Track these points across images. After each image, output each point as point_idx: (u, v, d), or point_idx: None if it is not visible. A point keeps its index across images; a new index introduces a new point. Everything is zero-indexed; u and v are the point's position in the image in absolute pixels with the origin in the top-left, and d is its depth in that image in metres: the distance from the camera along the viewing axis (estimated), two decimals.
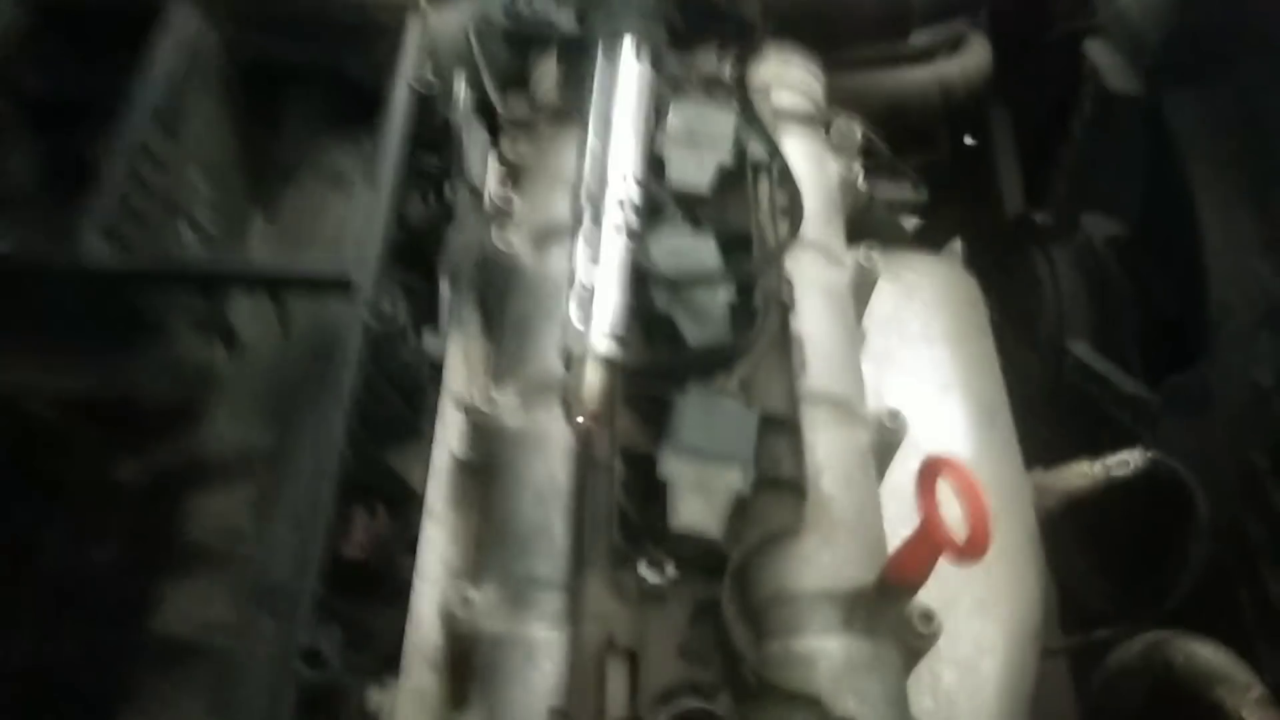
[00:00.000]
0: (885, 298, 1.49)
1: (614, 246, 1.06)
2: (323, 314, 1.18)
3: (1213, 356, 1.47)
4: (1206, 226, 1.47)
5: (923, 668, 1.16)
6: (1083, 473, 1.46)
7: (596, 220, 1.07)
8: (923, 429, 1.24)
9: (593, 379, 0.96)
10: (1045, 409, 1.83)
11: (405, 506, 1.19)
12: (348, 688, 0.94)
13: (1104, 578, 1.75)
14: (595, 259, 1.04)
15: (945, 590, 1.23)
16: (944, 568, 1.26)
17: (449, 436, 1.19)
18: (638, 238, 1.09)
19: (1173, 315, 1.65)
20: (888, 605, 0.99)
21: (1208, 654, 1.39)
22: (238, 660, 0.96)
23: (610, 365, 0.97)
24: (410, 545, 1.16)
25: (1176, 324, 1.65)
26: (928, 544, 0.88)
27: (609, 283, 1.04)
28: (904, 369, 1.45)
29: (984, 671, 1.21)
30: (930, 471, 0.86)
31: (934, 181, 1.99)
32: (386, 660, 1.10)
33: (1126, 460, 1.44)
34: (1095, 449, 1.51)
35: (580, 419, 0.95)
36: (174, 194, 1.24)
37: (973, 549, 0.81)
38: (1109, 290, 1.77)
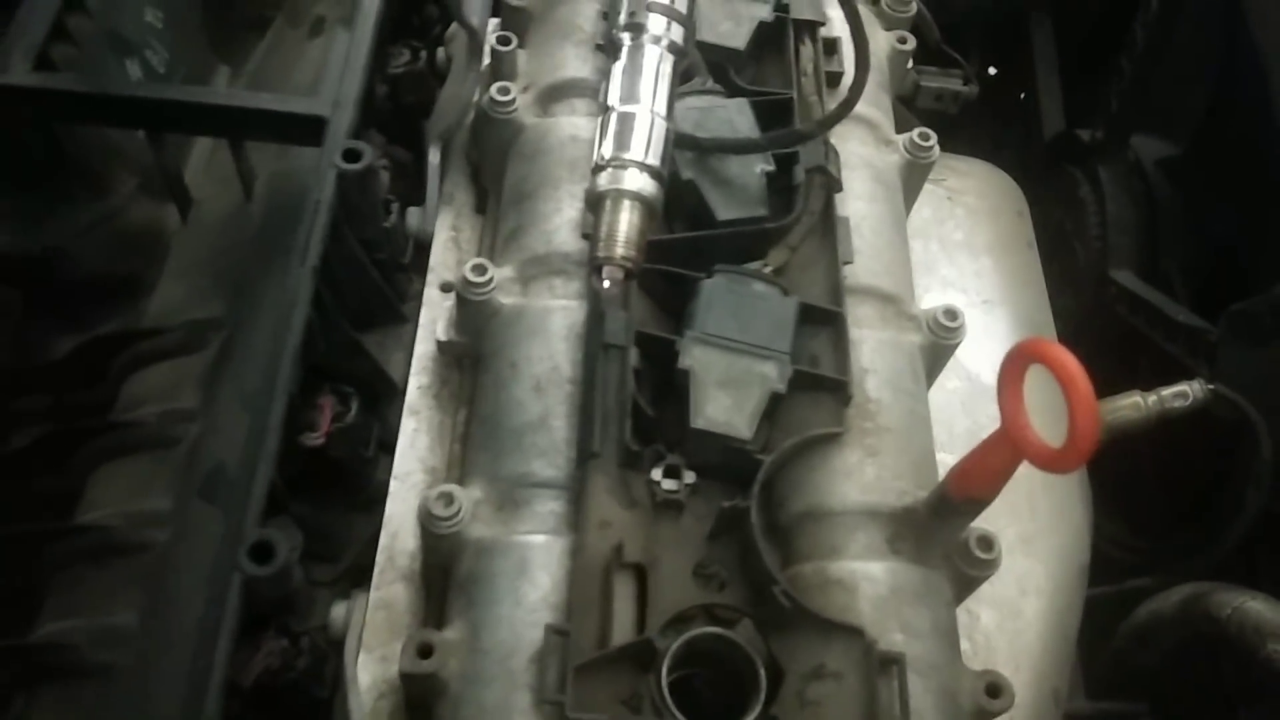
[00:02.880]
0: (927, 201, 1.34)
1: (654, 66, 0.87)
2: (290, 170, 1.01)
3: None
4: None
5: (960, 608, 1.03)
6: (1135, 404, 1.31)
7: (636, 35, 0.88)
8: (962, 346, 1.10)
9: (626, 220, 0.79)
10: (1082, 342, 1.69)
11: (382, 398, 1.03)
12: (302, 594, 0.79)
13: (1133, 526, 1.63)
14: (631, 81, 0.86)
15: (985, 525, 1.12)
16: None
17: (436, 326, 1.03)
18: (681, 54, 0.90)
19: (1230, 241, 1.51)
20: (942, 527, 0.85)
21: (1260, 606, 1.26)
22: (177, 556, 0.81)
23: (647, 207, 0.80)
24: (386, 443, 1.01)
25: (1233, 251, 1.51)
26: (1008, 448, 0.73)
27: (648, 109, 0.85)
28: (944, 279, 1.31)
29: (1026, 614, 1.08)
30: (1019, 359, 0.71)
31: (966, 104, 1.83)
32: (354, 572, 0.96)
33: (1185, 392, 1.30)
34: (1138, 386, 1.38)
35: (605, 268, 0.78)
36: (122, 26, 1.05)
37: (1072, 453, 0.67)
38: (1159, 215, 1.63)
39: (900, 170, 1.09)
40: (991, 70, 2.10)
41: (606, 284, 0.79)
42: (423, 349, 1.03)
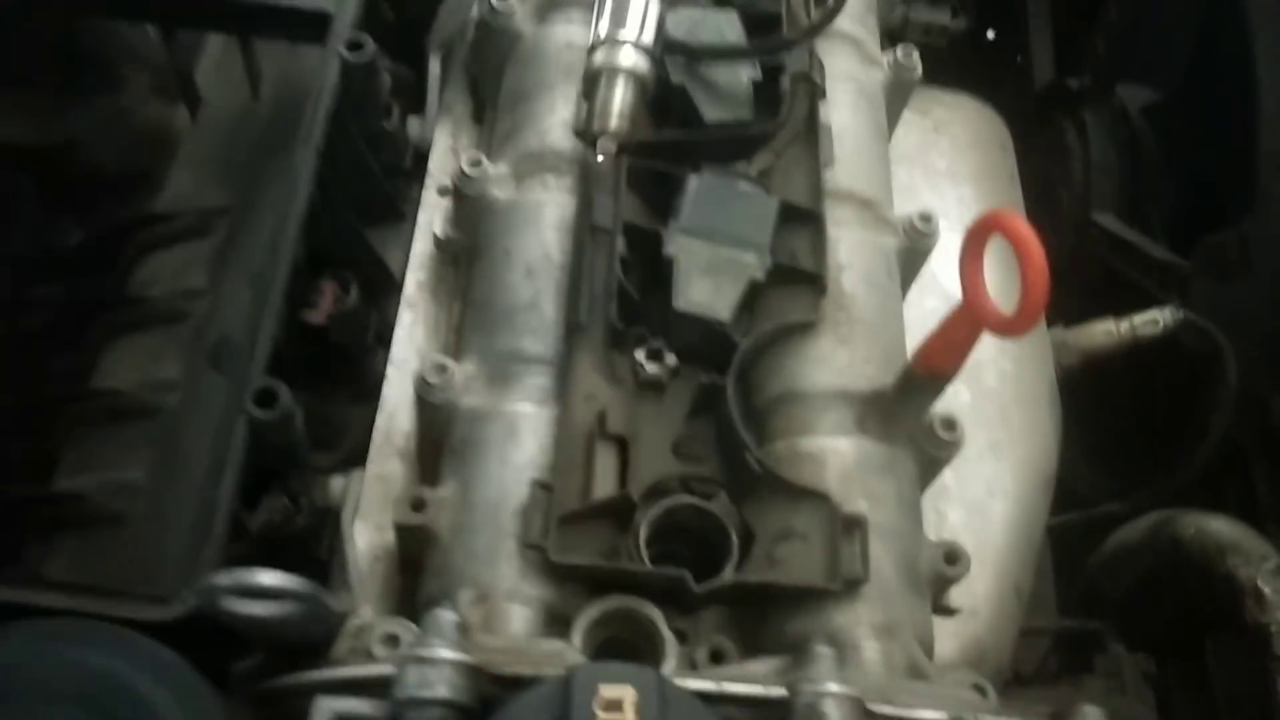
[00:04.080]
0: (912, 132, 1.38)
1: None
2: (295, 70, 1.05)
3: (1256, 216, 1.37)
4: (1262, 73, 1.36)
5: (930, 506, 1.08)
6: (1107, 331, 1.37)
7: None
8: (942, 269, 1.15)
9: (620, 94, 0.84)
10: (1067, 283, 1.73)
11: (381, 291, 1.08)
12: (303, 450, 0.84)
13: (1101, 457, 1.68)
14: None
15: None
16: (958, 408, 1.19)
17: (433, 225, 1.08)
18: None
19: (1209, 184, 1.55)
20: (907, 407, 0.89)
21: (1220, 526, 1.31)
22: (185, 416, 0.86)
23: (640, 83, 0.84)
24: (384, 337, 1.06)
25: (1212, 193, 1.55)
26: (969, 319, 0.78)
27: None
28: (926, 205, 1.34)
29: (993, 513, 1.13)
30: (978, 231, 0.76)
31: (956, 54, 1.87)
32: (353, 458, 1.01)
33: (1155, 319, 1.35)
34: None
35: (599, 141, 0.82)
36: None
37: (1024, 317, 0.72)
38: (1141, 159, 1.67)
39: (884, 86, 1.14)
40: (990, 34, 2.15)
41: (600, 156, 0.83)
42: (420, 247, 1.08)
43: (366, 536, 0.92)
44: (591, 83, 0.86)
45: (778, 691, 0.65)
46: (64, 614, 0.66)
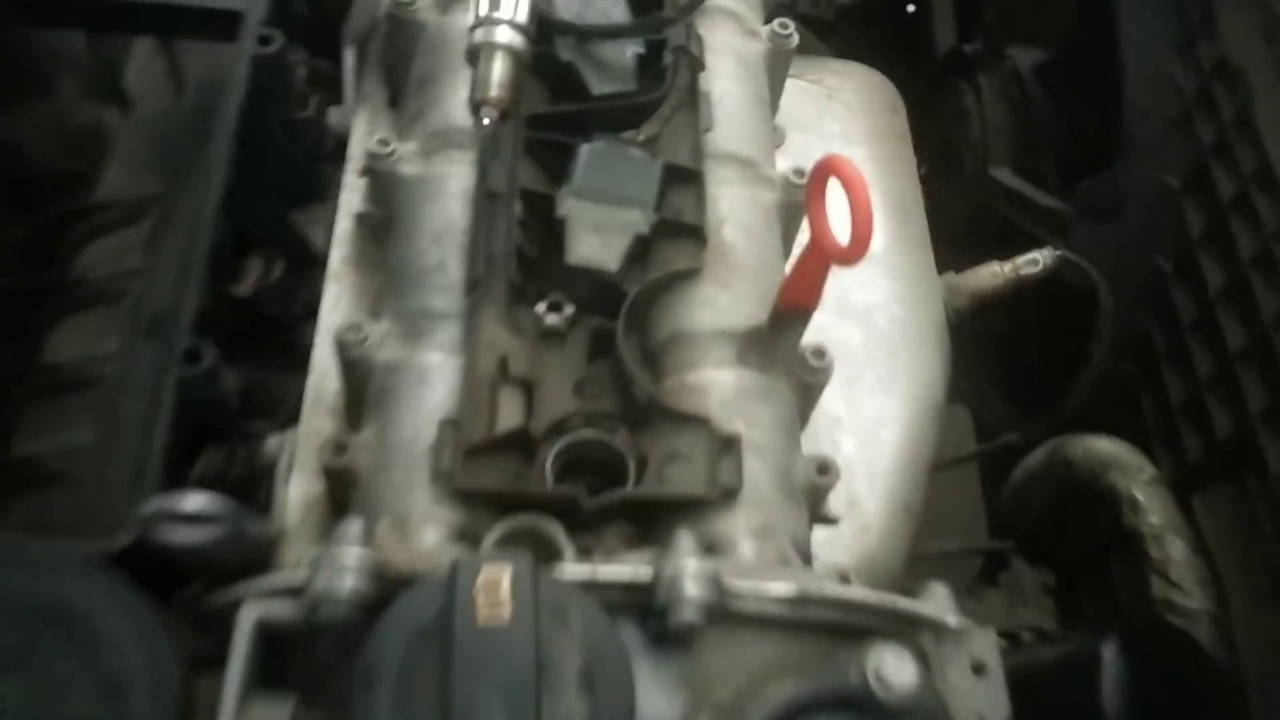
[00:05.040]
0: (807, 99, 1.49)
1: None
2: (215, 67, 1.13)
3: (1125, 161, 1.49)
4: (1125, 30, 1.48)
5: (823, 437, 1.18)
6: (993, 272, 1.48)
7: None
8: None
9: (499, 67, 0.93)
10: (970, 241, 1.85)
11: (307, 265, 1.17)
12: (230, 402, 0.92)
13: (1009, 392, 1.80)
14: None
15: (849, 369, 1.27)
16: (851, 348, 1.29)
17: (354, 205, 1.17)
18: None
19: (1094, 134, 1.66)
20: (781, 339, 0.99)
21: (1102, 444, 1.43)
22: (124, 385, 0.95)
23: (516, 56, 0.94)
24: (312, 308, 1.15)
25: (1096, 145, 1.66)
26: (817, 253, 0.88)
27: None
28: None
29: (882, 440, 1.24)
30: (818, 175, 0.85)
31: (860, 30, 1.98)
32: (288, 422, 1.09)
33: (1035, 259, 1.46)
34: None
35: (482, 108, 0.92)
36: None
37: (855, 246, 0.82)
38: (1033, 116, 1.78)
39: (764, 56, 1.23)
40: (910, 8, 2.26)
41: (485, 121, 0.92)
42: (343, 226, 1.16)
43: (301, 487, 1.00)
44: (473, 57, 0.95)
45: (644, 573, 0.74)
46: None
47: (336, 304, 1.13)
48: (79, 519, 0.89)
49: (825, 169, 0.85)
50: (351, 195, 1.17)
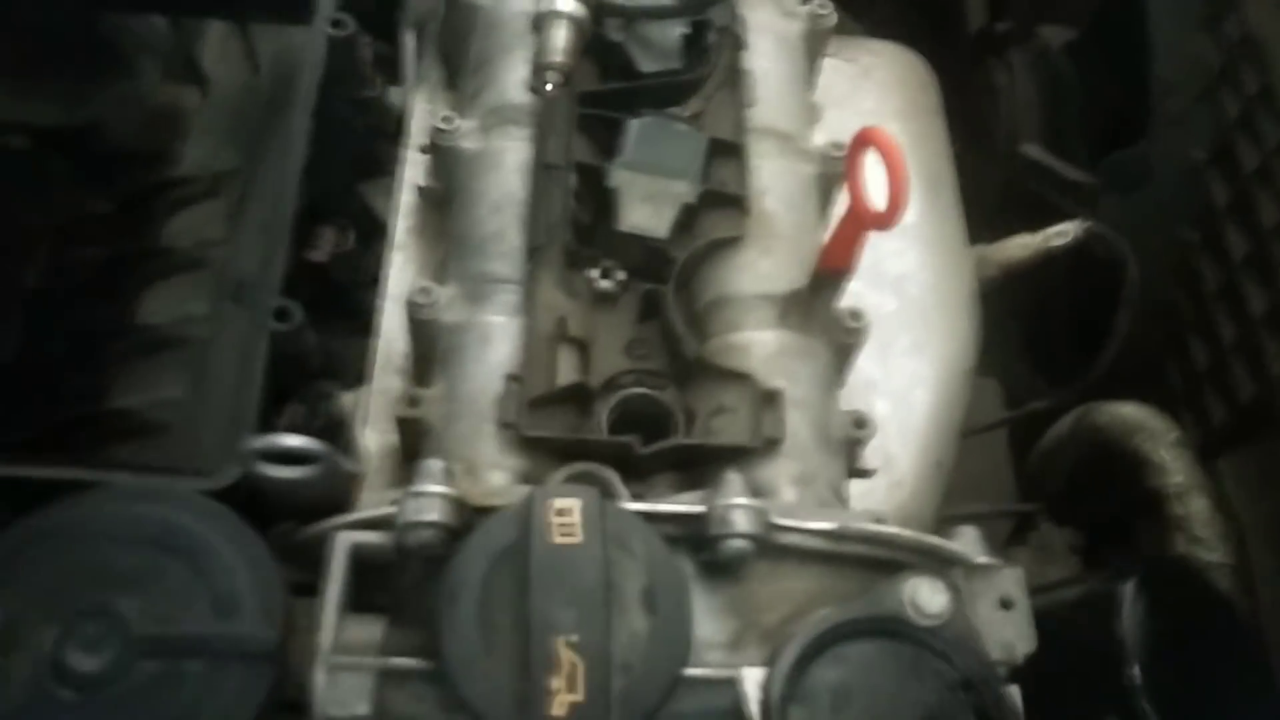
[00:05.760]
0: (841, 77, 1.54)
1: None
2: (288, 48, 1.21)
3: (1152, 135, 1.53)
4: (1151, 6, 1.52)
5: (859, 398, 1.24)
6: (1022, 243, 1.52)
7: None
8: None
9: (561, 34, 1.00)
10: (1000, 215, 1.90)
11: (373, 235, 1.24)
12: (316, 358, 1.00)
13: (1036, 361, 1.85)
14: None
15: (883, 334, 1.32)
16: (885, 315, 1.35)
17: (414, 179, 1.24)
18: None
19: (1122, 110, 1.71)
20: (819, 301, 1.06)
21: (1128, 409, 1.48)
22: (213, 343, 1.03)
23: (577, 24, 1.01)
24: (378, 274, 1.23)
25: (1124, 118, 1.71)
26: (854, 219, 0.94)
27: None
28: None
29: (915, 402, 1.30)
30: (857, 145, 0.92)
31: (895, 10, 2.03)
32: (355, 383, 1.17)
33: (1064, 230, 1.51)
34: None
35: (545, 74, 0.99)
36: None
37: (891, 211, 0.88)
38: (1062, 92, 1.83)
39: (802, 35, 1.29)
40: None
41: (548, 85, 0.99)
42: (406, 198, 1.24)
43: (374, 440, 1.09)
44: (536, 25, 1.02)
45: (698, 507, 0.82)
46: None
47: (401, 271, 1.20)
48: (176, 464, 0.97)
49: (864, 139, 0.91)
50: (413, 169, 1.25)
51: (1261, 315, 1.37)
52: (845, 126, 1.51)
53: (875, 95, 1.55)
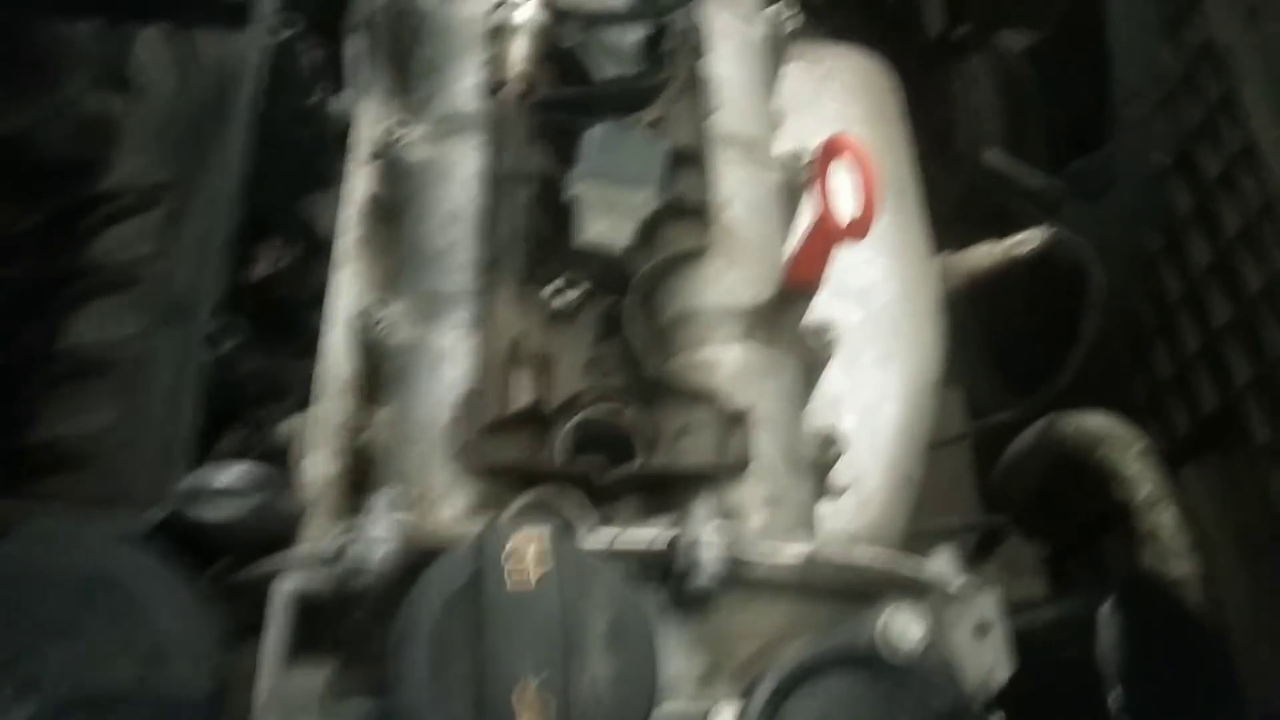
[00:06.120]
0: (804, 81, 1.50)
1: None
2: (223, 53, 1.15)
3: (1114, 141, 1.52)
4: (1112, 14, 1.51)
5: (827, 414, 1.21)
6: (986, 251, 1.50)
7: None
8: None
9: (519, 46, 0.95)
10: (961, 222, 1.88)
11: (316, 251, 1.19)
12: (251, 386, 0.95)
13: (999, 369, 1.83)
14: None
15: (849, 347, 1.29)
16: (851, 326, 1.32)
17: (361, 189, 1.19)
18: None
19: (1082, 115, 1.69)
20: (786, 315, 1.02)
21: (1095, 419, 1.47)
22: (145, 366, 0.97)
23: (535, 36, 0.96)
24: (318, 293, 1.17)
25: (1085, 124, 1.69)
26: (823, 230, 0.91)
27: None
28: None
29: (883, 415, 1.27)
30: (826, 154, 0.88)
31: (853, 15, 2.01)
32: (302, 405, 1.11)
33: (1028, 238, 1.49)
34: None
35: (504, 89, 0.94)
36: None
37: (861, 221, 0.84)
38: (1023, 98, 1.81)
39: (764, 40, 1.26)
40: None
41: (505, 99, 0.95)
42: (350, 211, 1.18)
43: (318, 466, 1.03)
44: (494, 36, 0.97)
45: (662, 539, 0.77)
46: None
47: (348, 287, 1.14)
48: (108, 498, 0.91)
49: (833, 146, 0.88)
50: (359, 179, 1.20)
51: (1224, 324, 1.36)
52: (808, 132, 1.50)
53: (838, 100, 1.52)
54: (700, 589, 0.75)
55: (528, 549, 0.69)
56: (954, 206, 1.95)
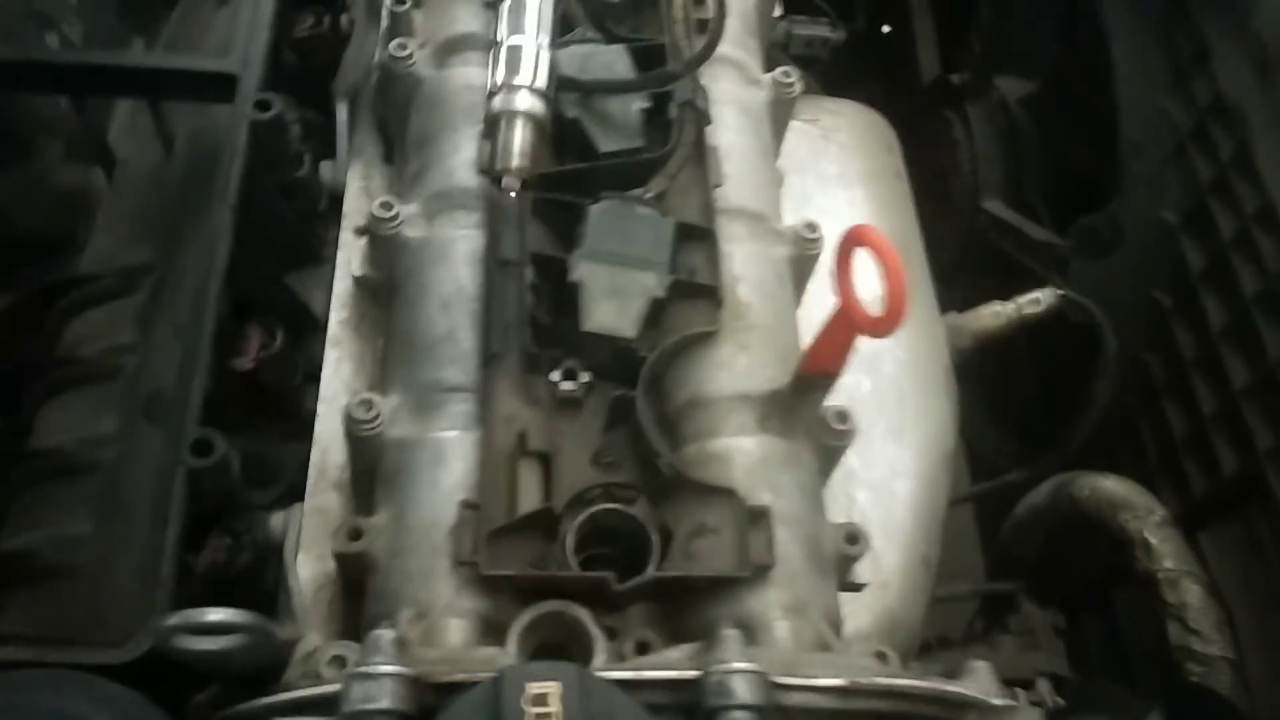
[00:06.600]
0: (802, 140, 1.46)
1: (536, 4, 0.99)
2: (206, 129, 1.09)
3: (1123, 197, 1.49)
4: (1119, 66, 1.48)
5: (839, 490, 1.16)
6: (995, 312, 1.47)
7: None
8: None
9: (520, 135, 0.90)
10: (961, 271, 1.85)
11: (305, 332, 1.13)
12: (240, 493, 0.89)
13: (1011, 430, 1.79)
14: (517, 17, 0.98)
15: (861, 419, 1.25)
16: (859, 397, 1.27)
17: (351, 264, 1.13)
18: None
19: (1084, 166, 1.66)
20: (803, 404, 0.97)
21: (1111, 484, 1.42)
22: (124, 469, 0.90)
23: (536, 123, 0.91)
24: (312, 375, 1.11)
25: (1087, 175, 1.66)
26: (845, 323, 0.86)
27: (534, 40, 0.97)
28: (820, 210, 1.42)
29: (897, 492, 1.22)
30: (847, 244, 0.83)
31: (848, 57, 1.97)
32: (290, 494, 1.05)
33: (1038, 298, 1.46)
34: None
35: (504, 178, 0.89)
36: (38, 3, 1.13)
37: (889, 318, 0.80)
38: (1022, 146, 1.78)
39: (767, 105, 1.21)
40: (885, 29, 2.26)
41: (511, 192, 0.89)
42: (341, 287, 1.13)
43: (309, 567, 0.97)
44: (492, 125, 0.92)
45: (691, 673, 0.72)
46: (23, 665, 0.70)
47: (337, 370, 1.09)
48: (82, 617, 0.84)
49: (854, 238, 0.83)
50: (349, 255, 1.14)
51: (1244, 387, 1.32)
52: (807, 193, 1.46)
53: (838, 159, 1.48)
54: None
55: (549, 695, 0.63)
56: (951, 255, 1.92)
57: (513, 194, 0.91)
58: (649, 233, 1.02)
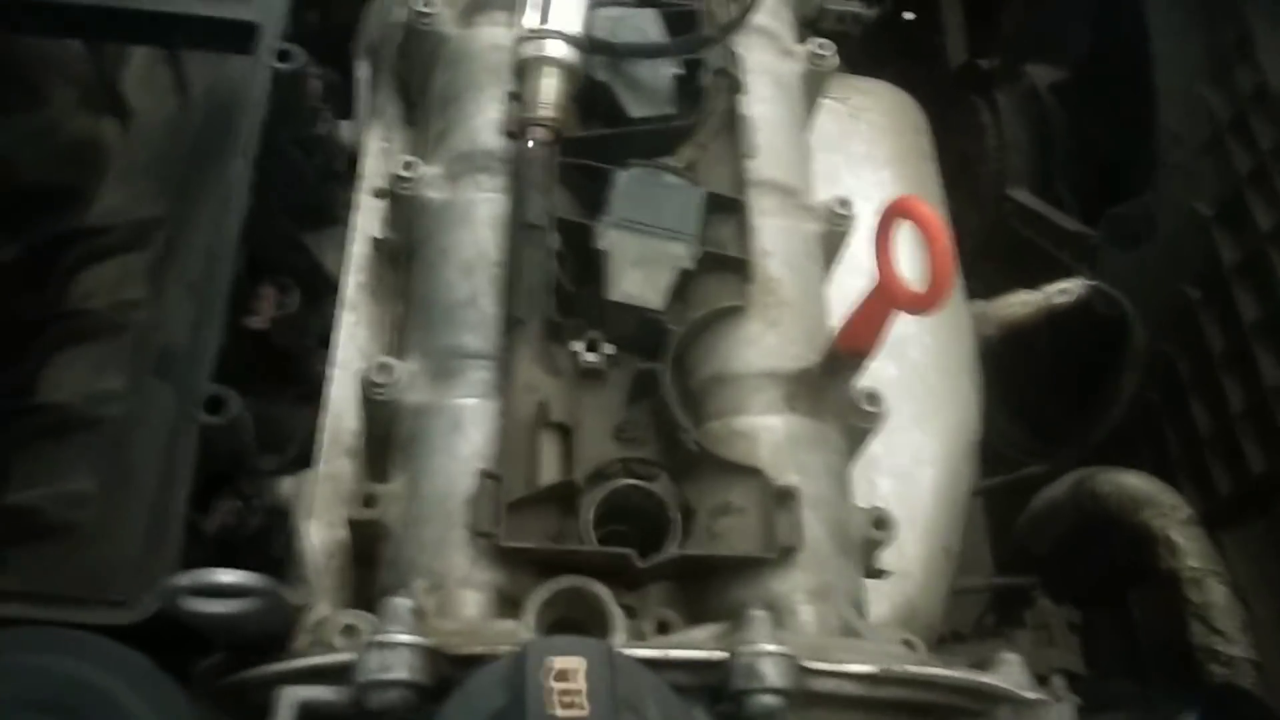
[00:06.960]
0: (832, 119, 1.43)
1: None
2: (224, 80, 1.06)
3: (1156, 187, 1.45)
4: (1159, 53, 1.44)
5: (861, 477, 1.13)
6: (1023, 301, 1.44)
7: None
8: (865, 249, 1.20)
9: (549, 84, 0.87)
10: (986, 259, 1.81)
11: (320, 295, 1.10)
12: (251, 454, 0.86)
13: (1022, 422, 1.76)
14: None
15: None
16: (885, 382, 1.24)
17: (368, 227, 1.10)
18: None
19: (1114, 156, 1.63)
20: (832, 384, 0.94)
21: (1135, 480, 1.39)
22: (132, 426, 0.87)
23: (568, 72, 0.87)
24: (326, 339, 1.08)
25: (1117, 166, 1.63)
26: (884, 299, 0.83)
27: None
28: (848, 189, 1.39)
29: (920, 480, 1.19)
30: (888, 217, 0.80)
31: (875, 40, 1.93)
32: (301, 460, 1.02)
33: (1067, 288, 1.42)
34: None
35: (531, 129, 0.85)
36: None
37: (933, 294, 0.77)
38: (1051, 135, 1.74)
39: (800, 77, 1.18)
40: (909, 15, 2.22)
41: (531, 144, 0.86)
42: (358, 249, 1.09)
43: (320, 534, 0.93)
44: (521, 72, 0.89)
45: (718, 654, 0.69)
46: (27, 623, 0.67)
47: (352, 335, 1.06)
48: (86, 575, 0.82)
49: (897, 210, 0.80)
50: (366, 216, 1.11)
51: (1276, 384, 1.29)
52: (836, 172, 1.43)
53: (866, 139, 1.44)
54: (760, 710, 0.67)
55: (575, 672, 0.60)
56: (976, 241, 1.88)
57: (538, 146, 0.87)
58: (678, 202, 0.99)
